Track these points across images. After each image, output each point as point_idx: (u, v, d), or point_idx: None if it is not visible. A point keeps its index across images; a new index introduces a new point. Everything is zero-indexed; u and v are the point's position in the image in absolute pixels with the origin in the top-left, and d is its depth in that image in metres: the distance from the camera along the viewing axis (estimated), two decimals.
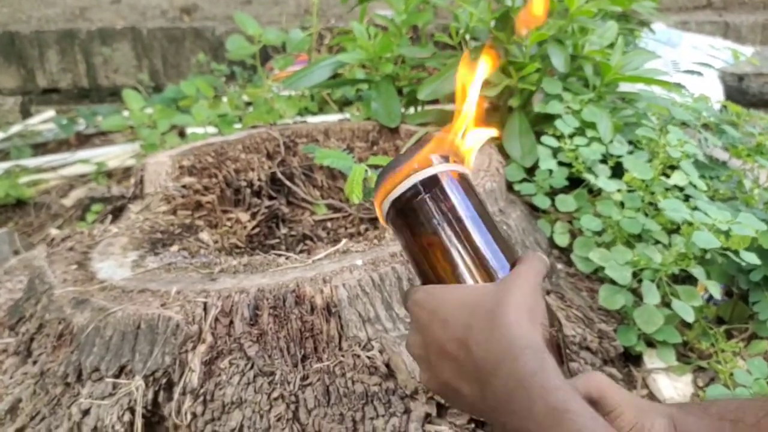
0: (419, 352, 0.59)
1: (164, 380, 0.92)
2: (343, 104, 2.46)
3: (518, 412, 0.49)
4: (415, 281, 0.94)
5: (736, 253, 1.16)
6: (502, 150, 1.47)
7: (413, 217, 0.61)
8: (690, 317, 1.17)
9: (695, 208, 1.18)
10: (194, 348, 0.93)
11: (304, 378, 0.93)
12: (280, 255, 1.15)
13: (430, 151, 0.62)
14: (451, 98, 1.68)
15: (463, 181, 0.62)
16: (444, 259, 0.60)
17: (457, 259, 0.60)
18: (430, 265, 0.61)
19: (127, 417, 0.90)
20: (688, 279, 1.29)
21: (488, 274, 0.60)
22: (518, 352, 0.50)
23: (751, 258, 1.14)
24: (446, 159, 0.62)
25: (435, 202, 0.60)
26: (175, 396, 0.92)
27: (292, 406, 0.91)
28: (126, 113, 2.53)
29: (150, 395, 0.92)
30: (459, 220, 0.60)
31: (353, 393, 0.92)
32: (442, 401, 0.94)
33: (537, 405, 0.48)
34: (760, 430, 0.54)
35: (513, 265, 0.60)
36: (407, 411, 0.93)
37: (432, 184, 0.60)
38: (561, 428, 0.46)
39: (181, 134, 2.37)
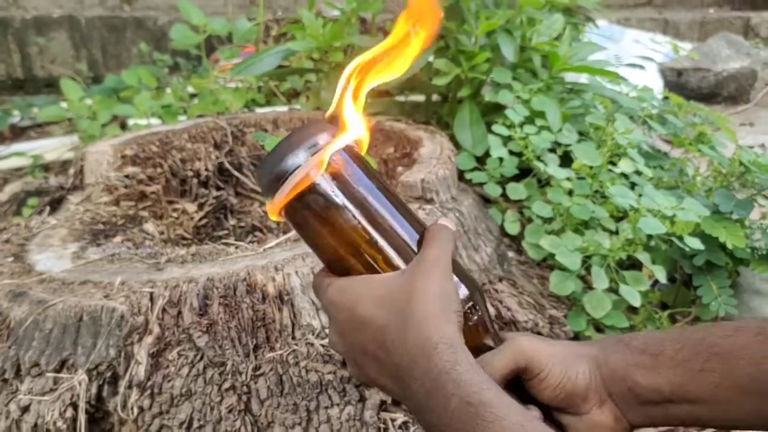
0: (343, 350, 0.59)
1: (109, 374, 0.89)
2: (291, 96, 2.43)
3: (436, 411, 0.49)
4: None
5: (680, 238, 1.19)
6: (453, 139, 1.47)
7: (311, 209, 0.56)
8: (637, 302, 1.19)
9: (641, 195, 1.20)
10: (140, 340, 0.89)
11: (257, 368, 0.91)
12: (229, 245, 1.12)
13: (310, 133, 0.55)
14: (401, 88, 1.68)
15: (358, 158, 0.57)
16: (351, 248, 0.57)
17: (364, 246, 0.56)
18: (336, 254, 0.57)
19: (69, 413, 0.86)
20: (633, 267, 1.32)
21: (401, 256, 0.57)
22: (431, 350, 0.50)
23: (695, 243, 1.17)
24: (330, 139, 0.55)
25: (333, 188, 0.55)
26: (121, 390, 0.88)
27: (244, 397, 0.89)
28: (64, 104, 2.44)
29: (94, 390, 0.88)
30: (361, 201, 0.56)
31: (307, 382, 0.90)
32: None
33: (452, 401, 0.48)
34: (677, 363, 0.56)
35: (421, 236, 0.57)
36: (362, 399, 0.92)
37: (328, 167, 0.55)
38: (476, 421, 0.47)
39: (123, 126, 2.29)
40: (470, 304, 0.58)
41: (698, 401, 0.55)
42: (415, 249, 0.57)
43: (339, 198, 0.55)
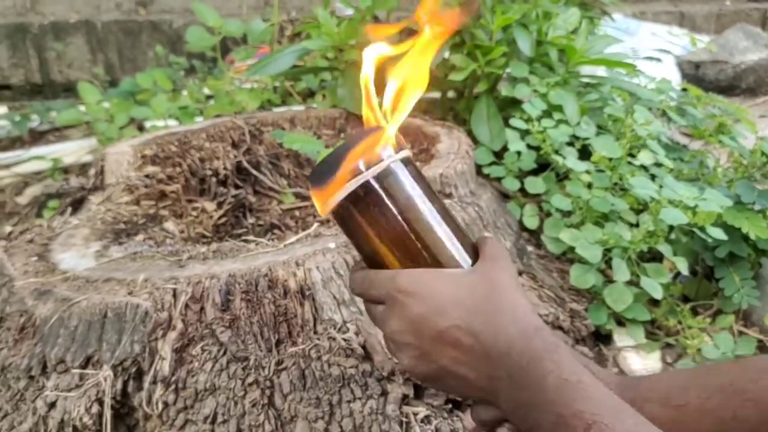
0: (407, 339, 0.58)
1: (134, 369, 0.89)
2: (307, 96, 2.43)
3: (532, 386, 0.50)
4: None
5: (702, 229, 1.18)
6: (470, 134, 1.47)
7: (367, 211, 0.59)
8: (658, 294, 1.19)
9: (662, 186, 1.19)
10: (164, 335, 0.90)
11: (279, 362, 0.91)
12: (249, 241, 1.13)
13: (370, 144, 0.59)
14: None
15: (413, 168, 0.61)
16: (399, 246, 0.60)
17: (414, 244, 0.59)
18: (389, 256, 0.60)
19: (95, 408, 0.87)
20: (654, 259, 1.31)
21: (454, 259, 0.60)
22: (532, 332, 0.52)
23: (718, 234, 1.16)
24: (389, 147, 0.60)
25: (389, 194, 0.59)
26: (146, 385, 0.89)
27: (267, 391, 0.89)
28: (82, 108, 2.46)
29: (119, 385, 0.88)
30: (411, 207, 0.59)
31: (329, 376, 0.91)
32: (423, 385, 0.93)
33: (549, 378, 0.49)
34: (706, 412, 0.55)
35: (473, 248, 0.61)
36: (384, 393, 0.92)
37: (385, 175, 0.59)
38: (573, 395, 0.48)
39: (140, 128, 2.31)
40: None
41: None
42: (463, 253, 0.60)
43: (396, 202, 0.59)
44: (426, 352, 0.57)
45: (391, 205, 0.59)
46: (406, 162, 0.61)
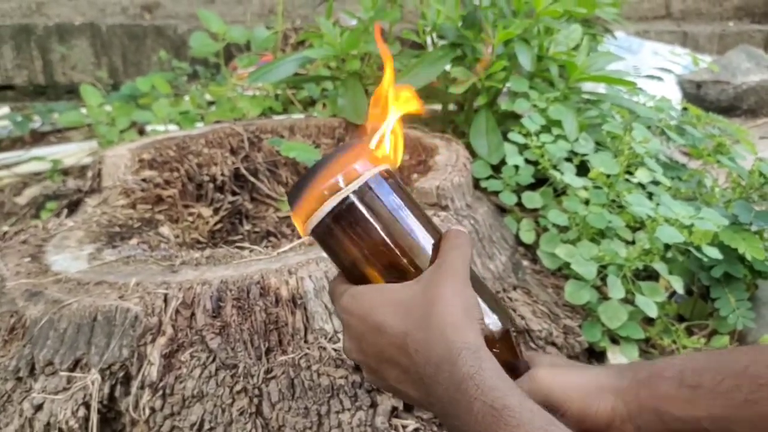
0: (358, 357, 0.58)
1: (121, 374, 0.89)
2: (308, 104, 2.44)
3: (461, 415, 0.49)
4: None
5: (698, 248, 1.18)
6: (469, 148, 1.47)
7: (342, 227, 0.58)
8: (653, 312, 1.18)
9: (659, 204, 1.19)
10: (153, 340, 0.90)
11: (268, 371, 0.91)
12: (244, 248, 1.12)
13: (348, 159, 0.58)
14: (419, 94, 1.68)
15: (392, 180, 0.60)
16: (374, 261, 0.59)
17: (387, 260, 0.58)
18: (356, 267, 0.59)
19: (81, 412, 0.86)
20: (650, 278, 1.30)
21: (416, 264, 0.59)
22: (455, 355, 0.50)
23: (714, 253, 1.16)
24: (367, 161, 0.59)
25: (370, 211, 0.58)
26: (133, 390, 0.88)
27: (256, 400, 0.89)
28: (84, 110, 2.47)
29: (106, 389, 0.88)
30: (392, 223, 0.58)
31: (319, 386, 0.90)
32: None
33: (475, 405, 0.48)
34: (718, 394, 0.54)
35: (437, 243, 0.59)
36: (374, 405, 0.91)
37: (365, 192, 0.58)
38: (500, 425, 0.46)
39: (141, 132, 2.31)
40: (497, 318, 0.58)
41: None
42: (431, 255, 0.58)
43: (372, 217, 0.58)
44: (374, 370, 0.57)
45: (372, 221, 0.58)
46: (386, 176, 0.60)
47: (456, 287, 0.54)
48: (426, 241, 0.59)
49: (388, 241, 0.58)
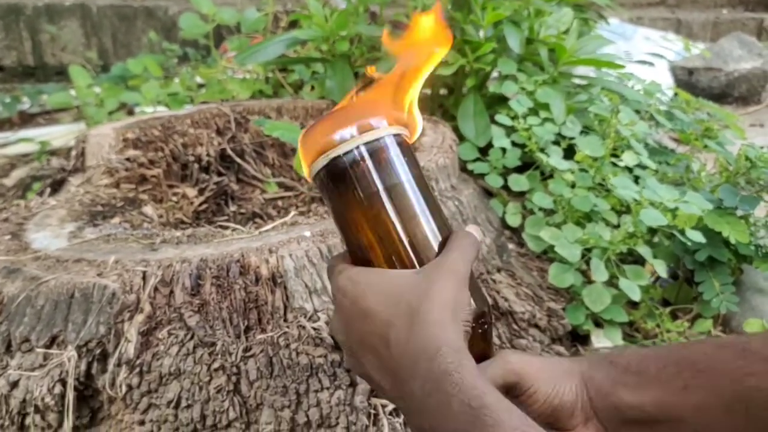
0: (341, 338, 0.58)
1: (98, 351, 0.88)
2: (298, 88, 2.42)
3: (435, 413, 0.49)
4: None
5: (682, 232, 1.18)
6: (457, 131, 1.46)
7: (348, 184, 0.55)
8: (636, 296, 1.18)
9: (644, 188, 1.19)
10: (131, 318, 0.89)
11: (247, 349, 0.90)
12: (226, 228, 1.12)
13: (372, 109, 0.56)
14: None
15: (407, 149, 0.57)
16: (375, 235, 0.55)
17: (389, 238, 0.55)
18: (358, 238, 0.56)
19: (58, 389, 0.86)
20: (636, 263, 1.30)
21: (420, 255, 0.56)
22: (434, 352, 0.49)
23: (697, 237, 1.16)
24: (388, 121, 0.56)
25: (376, 171, 0.54)
26: (110, 367, 0.88)
27: (234, 378, 0.88)
28: (73, 92, 2.45)
29: (83, 366, 0.87)
30: (399, 194, 0.55)
31: (297, 365, 0.90)
32: None
33: (453, 403, 0.47)
34: (661, 381, 0.55)
35: (445, 239, 0.56)
36: (353, 384, 0.91)
37: (375, 149, 0.54)
38: (477, 424, 0.46)
39: (130, 113, 2.29)
40: (481, 319, 0.57)
41: (682, 420, 0.54)
42: (437, 251, 0.56)
43: (378, 179, 0.55)
44: (354, 353, 0.57)
45: (377, 182, 0.54)
46: (401, 141, 0.57)
47: (451, 286, 0.53)
48: (431, 231, 0.56)
49: (387, 210, 0.55)
